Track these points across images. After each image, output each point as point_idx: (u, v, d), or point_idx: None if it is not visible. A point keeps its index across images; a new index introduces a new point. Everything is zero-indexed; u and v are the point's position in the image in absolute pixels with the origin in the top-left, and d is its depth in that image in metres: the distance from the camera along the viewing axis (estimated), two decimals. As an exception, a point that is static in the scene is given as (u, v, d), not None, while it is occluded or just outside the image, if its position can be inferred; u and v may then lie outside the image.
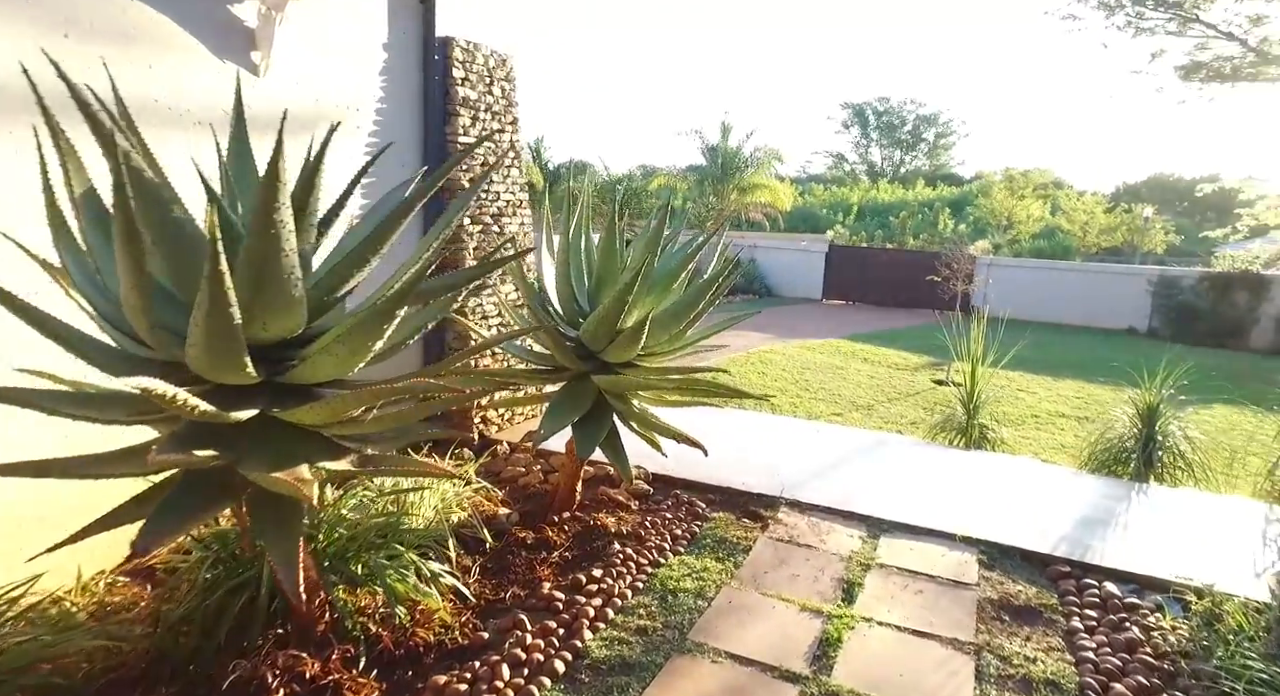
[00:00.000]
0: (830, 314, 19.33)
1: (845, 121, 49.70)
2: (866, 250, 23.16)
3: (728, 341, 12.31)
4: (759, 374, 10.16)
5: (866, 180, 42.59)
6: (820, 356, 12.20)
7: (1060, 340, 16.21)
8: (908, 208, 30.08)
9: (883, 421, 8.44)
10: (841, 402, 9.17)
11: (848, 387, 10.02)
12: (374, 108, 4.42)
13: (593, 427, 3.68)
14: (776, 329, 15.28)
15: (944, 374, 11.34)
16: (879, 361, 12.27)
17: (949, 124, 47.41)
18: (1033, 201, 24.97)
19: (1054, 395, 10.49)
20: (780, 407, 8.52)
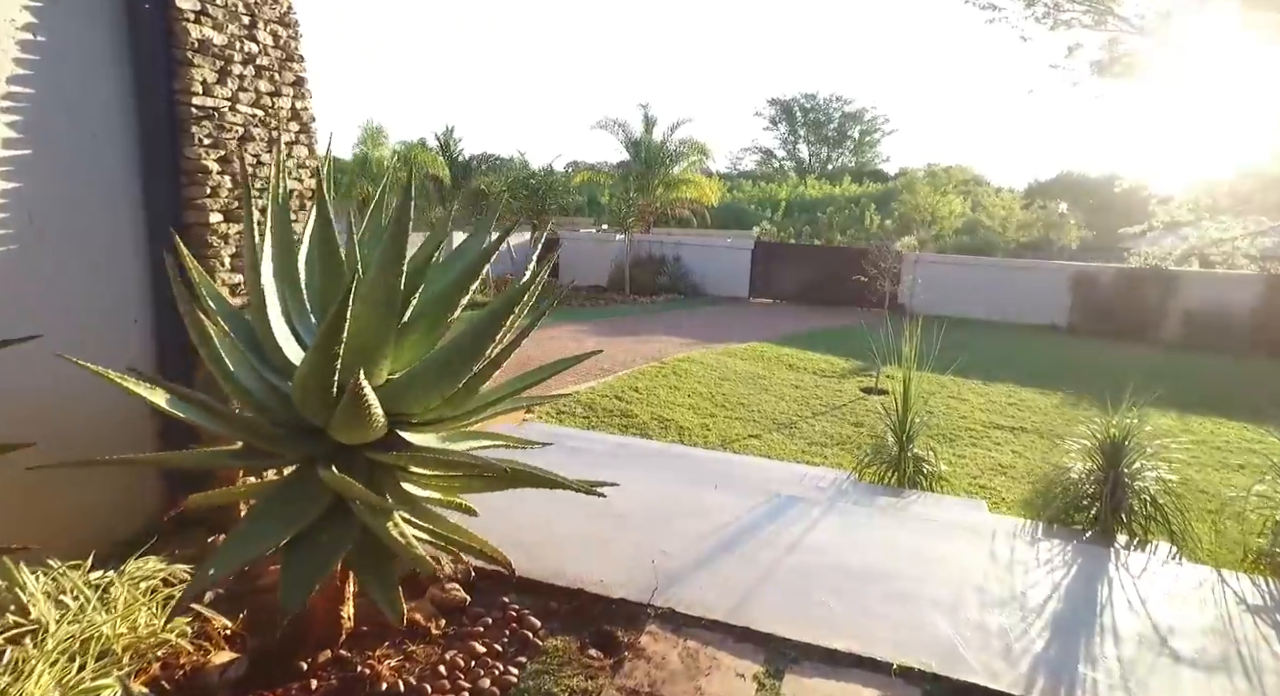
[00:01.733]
0: (756, 314, 18.23)
1: (773, 118, 49.12)
2: (793, 247, 22.21)
3: (638, 350, 11.03)
4: (670, 388, 8.85)
5: (795, 177, 41.96)
6: (742, 363, 10.98)
7: (987, 338, 15.42)
8: (835, 204, 29.37)
9: (806, 444, 7.23)
10: (760, 421, 7.93)
11: (769, 401, 8.80)
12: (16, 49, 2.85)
13: (319, 552, 2.23)
14: (698, 332, 14.04)
15: (873, 381, 10.26)
16: (805, 367, 11.12)
17: (874, 121, 47.32)
18: (954, 197, 24.50)
19: (987, 402, 9.49)
20: (689, 432, 7.23)
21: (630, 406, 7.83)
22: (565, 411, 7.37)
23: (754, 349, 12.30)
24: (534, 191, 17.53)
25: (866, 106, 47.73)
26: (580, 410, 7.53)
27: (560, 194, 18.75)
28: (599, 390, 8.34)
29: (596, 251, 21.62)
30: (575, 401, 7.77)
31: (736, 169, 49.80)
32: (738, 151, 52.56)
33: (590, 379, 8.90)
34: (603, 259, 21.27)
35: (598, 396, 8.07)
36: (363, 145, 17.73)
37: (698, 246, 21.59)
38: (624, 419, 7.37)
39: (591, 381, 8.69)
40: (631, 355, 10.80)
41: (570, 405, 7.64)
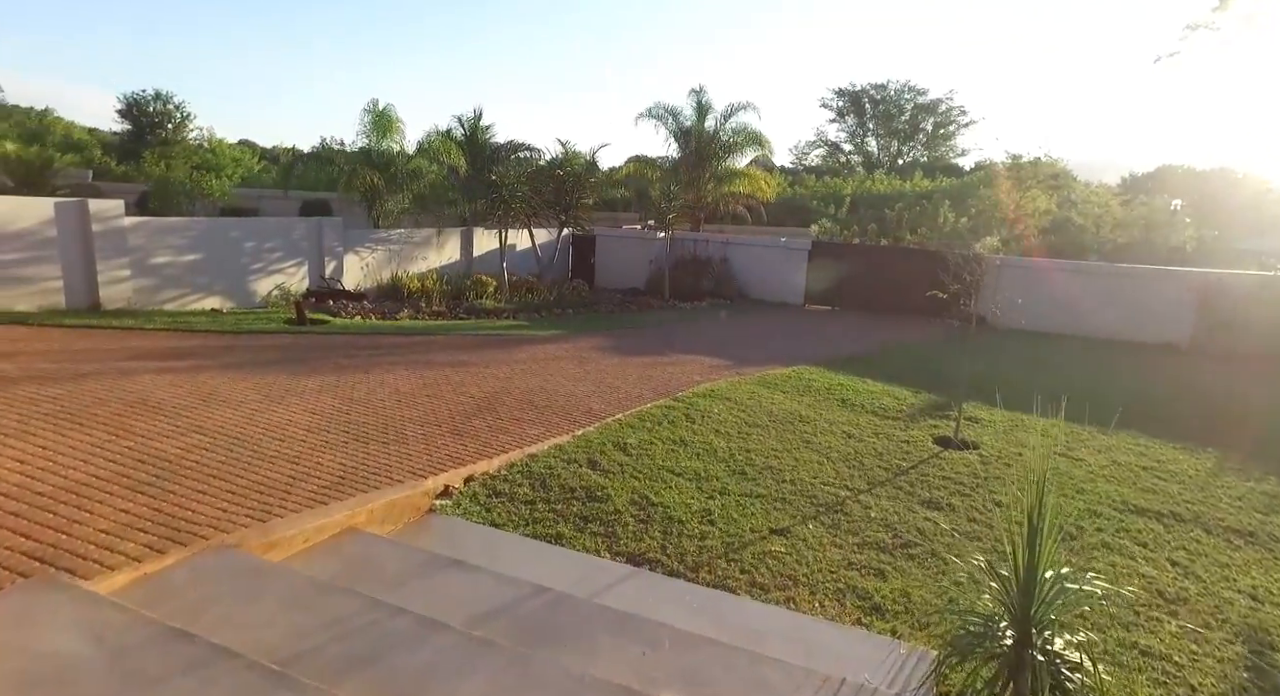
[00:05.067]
0: (810, 326, 15.50)
1: (840, 109, 45.46)
2: (856, 247, 19.29)
3: (652, 378, 8.55)
4: (674, 444, 6.39)
5: (862, 171, 38.53)
6: (781, 398, 8.42)
7: (1089, 361, 12.37)
8: (904, 200, 26.14)
9: (854, 549, 4.67)
10: (792, 500, 5.41)
11: (809, 462, 6.24)
12: None
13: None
14: (735, 349, 11.49)
15: (951, 425, 7.57)
16: (862, 404, 8.48)
17: (949, 112, 43.03)
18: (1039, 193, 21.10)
19: (1110, 464, 6.71)
20: (680, 527, 4.76)
21: (605, 479, 5.41)
22: (501, 492, 5.01)
23: (800, 376, 9.70)
24: (560, 184, 15.22)
25: (941, 97, 43.60)
26: (527, 485, 5.16)
27: (595, 187, 16.41)
28: (571, 448, 5.95)
29: (635, 251, 19.24)
30: (527, 469, 5.41)
31: (802, 164, 46.54)
32: (803, 145, 49.15)
33: (571, 426, 6.53)
34: (641, 259, 18.86)
35: (565, 459, 5.69)
36: (369, 135, 15.80)
37: (748, 246, 18.93)
38: (588, 505, 4.96)
39: (568, 433, 6.31)
40: (640, 386, 8.37)
41: (516, 475, 5.28)
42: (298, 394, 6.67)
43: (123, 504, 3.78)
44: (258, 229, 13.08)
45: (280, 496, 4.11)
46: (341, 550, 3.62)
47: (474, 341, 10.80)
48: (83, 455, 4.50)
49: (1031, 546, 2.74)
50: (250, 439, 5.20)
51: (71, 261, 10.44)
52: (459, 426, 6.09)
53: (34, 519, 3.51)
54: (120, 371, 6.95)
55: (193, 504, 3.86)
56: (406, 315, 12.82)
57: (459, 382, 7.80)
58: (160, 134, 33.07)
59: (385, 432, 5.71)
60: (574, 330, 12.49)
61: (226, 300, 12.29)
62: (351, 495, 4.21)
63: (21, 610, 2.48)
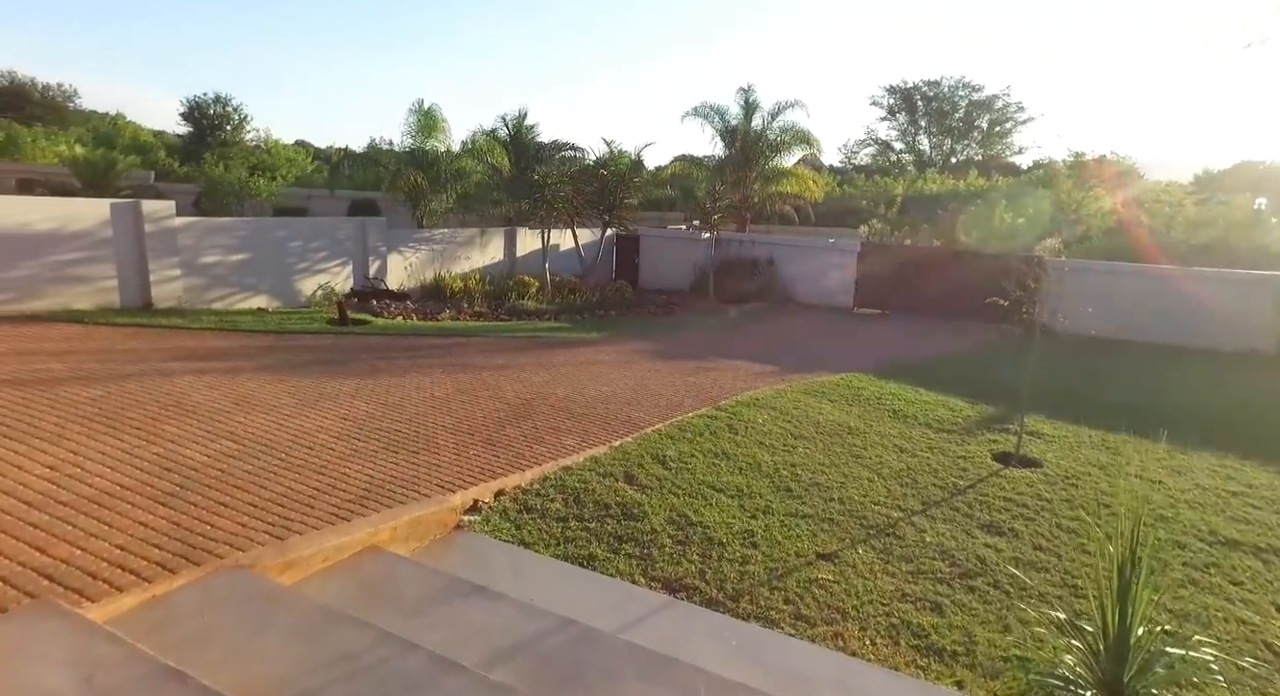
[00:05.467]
0: (859, 330, 15.00)
1: (891, 107, 44.32)
2: (907, 249, 18.65)
3: (695, 385, 8.24)
4: (715, 457, 6.10)
5: (914, 170, 37.48)
6: (829, 408, 8.05)
7: (1163, 370, 11.65)
8: (958, 200, 25.27)
9: (907, 577, 4.32)
10: (841, 521, 5.07)
11: (859, 479, 5.89)
12: None
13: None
14: (781, 355, 11.12)
15: (1011, 440, 7.11)
16: (916, 415, 8.05)
17: (1005, 109, 41.50)
18: (1104, 191, 20.06)
19: (1194, 488, 6.16)
20: (720, 549, 4.48)
21: (643, 495, 5.15)
22: (532, 508, 4.79)
23: (850, 384, 9.30)
24: (604, 184, 15.01)
25: (998, 93, 42.11)
26: (560, 501, 4.93)
27: (639, 187, 16.16)
28: (607, 460, 5.70)
29: (680, 251, 18.94)
30: (560, 483, 5.18)
31: (851, 163, 45.55)
32: (852, 144, 48.09)
33: (608, 436, 6.28)
34: (686, 260, 18.56)
35: (601, 472, 5.45)
36: (415, 135, 15.83)
37: (795, 247, 18.45)
38: (623, 524, 4.70)
39: (604, 444, 6.07)
40: (682, 393, 8.09)
41: (549, 490, 5.05)
42: (332, 398, 6.58)
43: (142, 516, 3.67)
44: (303, 229, 13.20)
45: (302, 510, 3.95)
46: (360, 571, 3.43)
47: (514, 344, 10.66)
48: (111, 462, 4.43)
49: (1123, 601, 2.38)
50: (279, 446, 5.08)
51: (125, 261, 10.63)
52: (492, 435, 5.90)
53: (53, 531, 3.41)
54: (160, 372, 6.96)
55: (212, 517, 3.73)
56: (448, 316, 12.77)
57: (496, 387, 7.63)
58: (220, 135, 34.02)
59: (416, 441, 5.55)
60: (616, 333, 12.26)
61: (272, 299, 12.41)
62: (376, 510, 4.03)
63: (14, 641, 2.34)
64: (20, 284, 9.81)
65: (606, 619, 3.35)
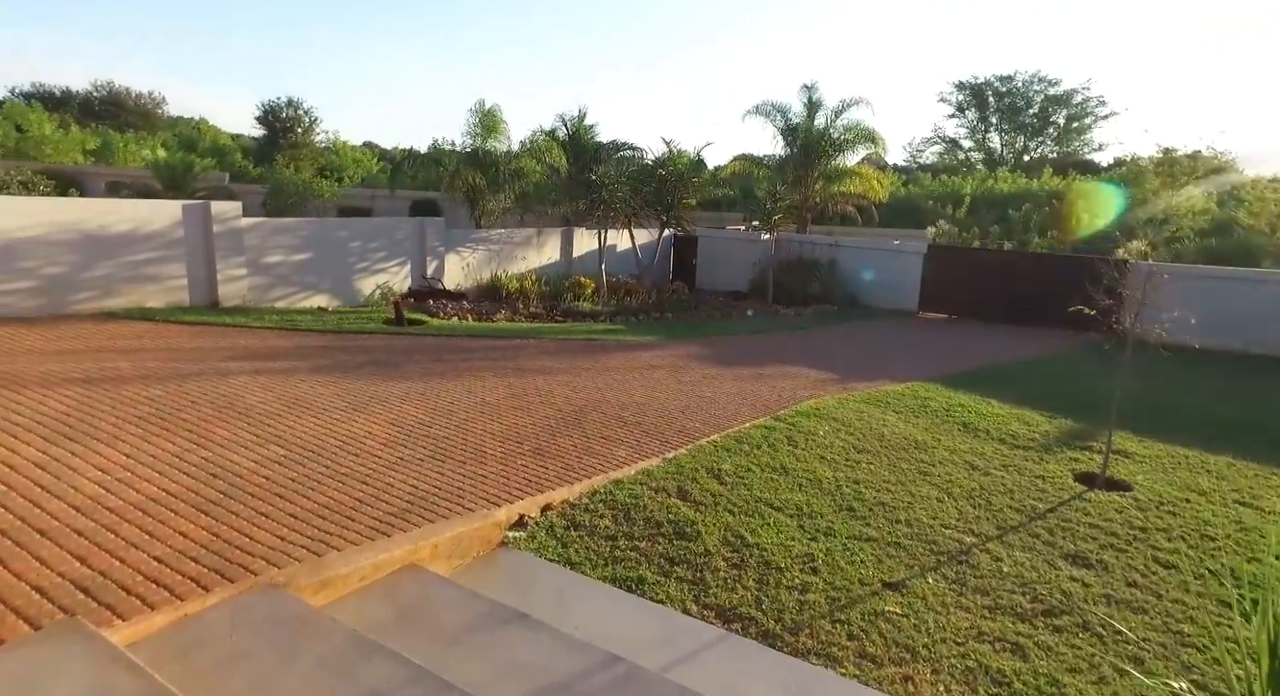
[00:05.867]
0: (925, 336, 14.39)
1: (960, 104, 42.73)
2: (977, 251, 17.84)
3: (753, 393, 7.87)
4: (774, 472, 5.79)
5: (983, 169, 36.03)
6: (894, 419, 7.64)
7: (1269, 385, 10.76)
8: (1032, 200, 24.10)
9: (984, 613, 3.94)
10: (908, 545, 4.71)
11: (927, 499, 5.50)
12: None
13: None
14: (843, 362, 10.68)
15: (1095, 459, 6.60)
16: (988, 429, 7.57)
17: (1085, 104, 39.41)
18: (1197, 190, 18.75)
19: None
20: (779, 574, 4.18)
21: (696, 513, 4.89)
22: (580, 524, 4.58)
23: (916, 394, 8.84)
24: (662, 183, 14.78)
25: (1077, 87, 40.05)
26: (609, 517, 4.70)
27: (698, 187, 15.86)
28: (660, 474, 5.46)
29: (738, 252, 18.56)
30: (610, 498, 4.96)
31: (916, 162, 44.15)
32: (918, 143, 46.60)
33: (661, 447, 6.04)
34: (744, 261, 18.17)
35: (653, 487, 5.21)
36: (475, 135, 15.88)
37: (858, 249, 17.87)
38: (675, 544, 4.45)
39: (657, 456, 5.82)
40: (739, 401, 7.79)
41: (598, 505, 4.84)
42: (382, 401, 6.52)
43: (184, 525, 3.60)
44: (363, 229, 13.36)
45: (342, 523, 3.83)
46: (398, 593, 3.28)
47: (568, 346, 10.52)
48: (160, 466, 4.41)
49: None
50: (326, 452, 5.01)
51: (195, 261, 10.91)
52: (542, 445, 5.72)
53: (95, 540, 3.36)
54: (219, 372, 7.04)
55: (252, 528, 3.64)
56: (503, 316, 12.74)
57: (548, 393, 7.48)
58: (291, 138, 35.17)
59: (464, 449, 5.41)
60: (671, 336, 12.02)
61: (333, 299, 12.60)
62: (417, 525, 3.89)
63: (32, 668, 2.24)
64: (100, 283, 10.15)
65: (655, 654, 3.11)
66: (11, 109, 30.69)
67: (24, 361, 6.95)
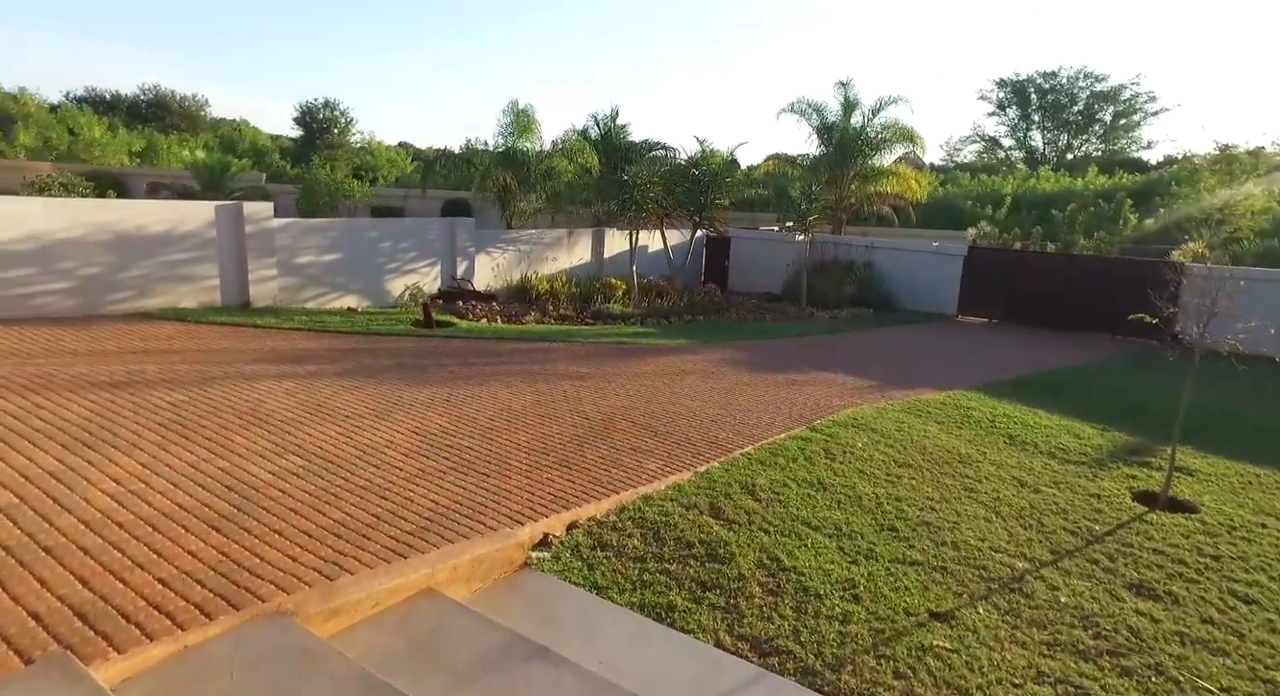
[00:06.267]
0: (965, 340, 13.91)
1: (1001, 101, 41.63)
2: (1019, 253, 17.26)
3: (787, 400, 7.53)
4: (811, 487, 5.49)
5: (1024, 168, 35.04)
6: (936, 430, 7.29)
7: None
8: (1076, 199, 23.31)
9: (1042, 650, 3.62)
10: (955, 571, 4.39)
11: (974, 518, 5.17)
12: None
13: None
14: (881, 368, 10.31)
15: (1152, 475, 6.19)
16: (1036, 441, 7.18)
17: (1133, 100, 37.98)
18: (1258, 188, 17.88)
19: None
20: (818, 600, 3.90)
21: (730, 532, 4.62)
22: (607, 544, 4.34)
23: (958, 402, 8.46)
24: (695, 183, 14.50)
25: (1125, 83, 38.65)
26: (638, 536, 4.46)
27: (732, 188, 15.55)
28: (692, 489, 5.21)
29: (772, 253, 18.19)
30: (639, 515, 4.72)
31: (953, 161, 43.18)
32: (955, 141, 45.57)
33: (693, 459, 5.78)
34: (778, 262, 17.80)
35: (684, 503, 4.95)
36: (507, 135, 15.74)
37: (895, 250, 17.39)
38: (707, 567, 4.19)
39: (689, 469, 5.57)
40: (773, 411, 7.50)
41: (627, 523, 4.60)
42: (405, 408, 6.36)
43: (194, 544, 3.45)
44: (394, 229, 13.31)
45: (358, 542, 3.65)
46: (411, 621, 3.08)
47: (598, 350, 10.30)
48: (176, 476, 4.28)
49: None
50: (345, 463, 4.85)
51: (227, 261, 10.93)
52: (569, 456, 5.50)
53: (101, 559, 3.22)
54: (244, 376, 6.95)
55: (263, 547, 3.47)
56: (533, 318, 12.58)
57: (576, 400, 7.26)
58: (327, 138, 35.56)
59: (488, 461, 5.22)
60: (704, 340, 11.74)
61: (362, 299, 12.56)
62: (436, 545, 3.69)
63: (11, 712, 2.07)
64: (136, 283, 10.20)
65: (685, 696, 2.86)
66: (65, 113, 31.53)
67: (57, 363, 6.94)
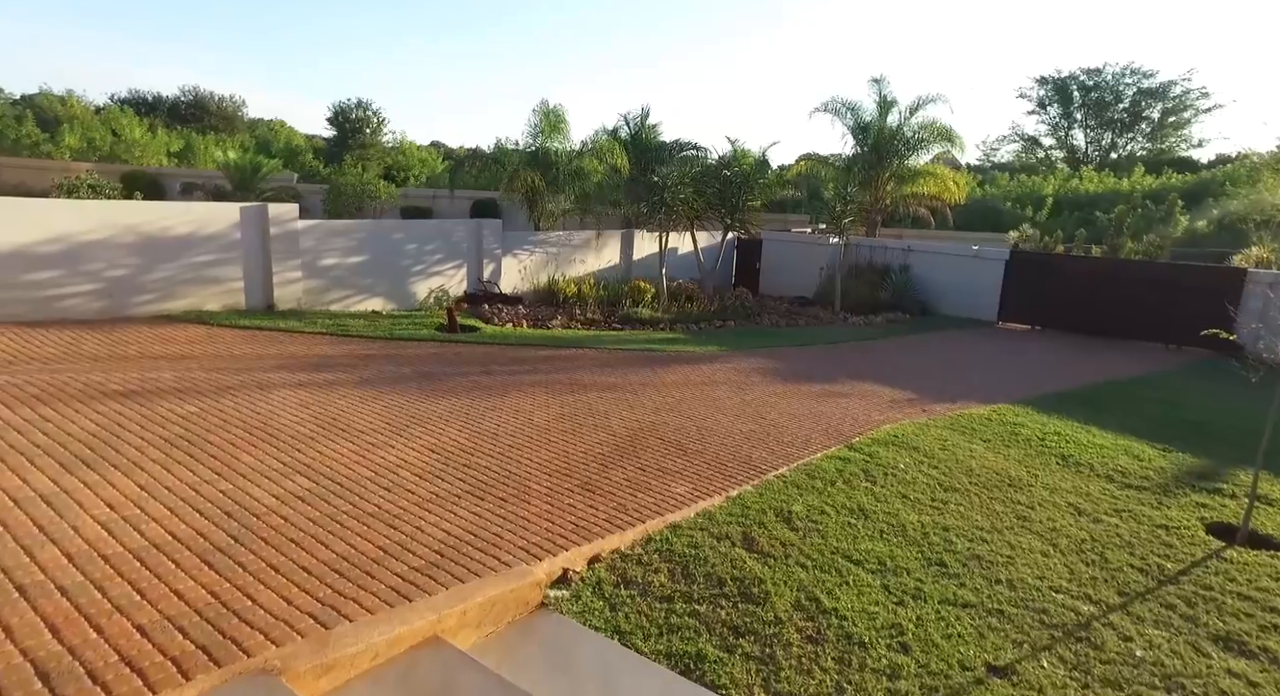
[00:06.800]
0: (1009, 348, 13.30)
1: (1041, 99, 40.39)
2: (1066, 258, 16.56)
3: (822, 415, 6.98)
4: (852, 514, 5.08)
5: (1065, 168, 33.93)
6: (983, 449, 6.82)
7: None
8: (1123, 201, 22.40)
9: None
10: (1013, 615, 3.97)
11: (1030, 552, 4.72)
12: None
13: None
14: (919, 378, 9.82)
15: (1230, 507, 5.67)
16: (1090, 463, 6.67)
17: (1185, 97, 36.43)
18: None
19: None
20: (862, 649, 3.50)
21: (764, 567, 4.24)
22: (632, 580, 3.98)
23: (1004, 418, 7.96)
24: (726, 184, 14.09)
25: (1174, 79, 37.07)
26: (665, 572, 4.10)
27: (764, 189, 15.11)
28: (723, 516, 4.83)
29: (804, 256, 17.70)
30: (667, 547, 4.36)
31: (989, 160, 42.06)
32: (992, 141, 44.43)
33: (724, 482, 5.41)
34: (811, 265, 17.30)
35: (715, 533, 4.58)
36: (537, 135, 15.47)
37: (933, 254, 16.79)
38: (740, 609, 3.82)
39: (720, 494, 5.19)
40: (809, 425, 7.09)
41: (653, 556, 4.24)
42: (423, 422, 6.06)
43: (181, 582, 3.17)
44: (420, 231, 13.10)
45: (360, 581, 3.34)
46: (413, 678, 2.76)
47: (625, 358, 9.95)
48: (174, 501, 4.02)
49: None
50: (355, 486, 4.56)
51: (252, 263, 10.79)
52: (592, 478, 5.16)
53: (78, 600, 2.95)
54: (259, 385, 6.72)
55: (256, 587, 3.18)
56: (559, 323, 12.28)
57: (602, 413, 6.92)
58: (360, 138, 35.74)
59: (506, 483, 4.89)
60: (734, 347, 11.33)
61: (388, 302, 12.36)
62: (445, 585, 3.37)
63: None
64: (160, 285, 10.09)
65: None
66: (109, 115, 32.08)
67: (74, 370, 6.78)
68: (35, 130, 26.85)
